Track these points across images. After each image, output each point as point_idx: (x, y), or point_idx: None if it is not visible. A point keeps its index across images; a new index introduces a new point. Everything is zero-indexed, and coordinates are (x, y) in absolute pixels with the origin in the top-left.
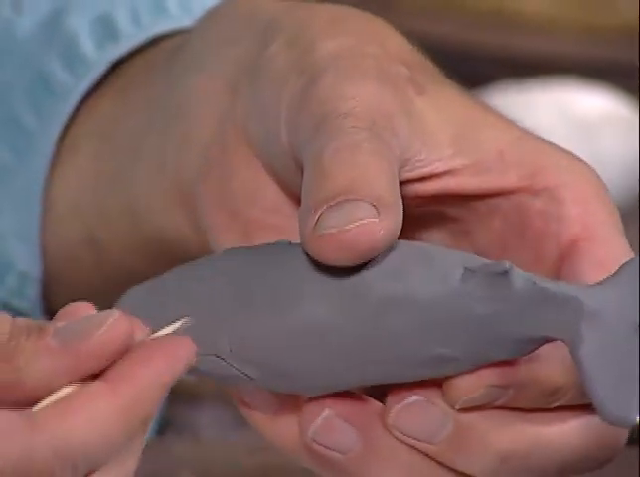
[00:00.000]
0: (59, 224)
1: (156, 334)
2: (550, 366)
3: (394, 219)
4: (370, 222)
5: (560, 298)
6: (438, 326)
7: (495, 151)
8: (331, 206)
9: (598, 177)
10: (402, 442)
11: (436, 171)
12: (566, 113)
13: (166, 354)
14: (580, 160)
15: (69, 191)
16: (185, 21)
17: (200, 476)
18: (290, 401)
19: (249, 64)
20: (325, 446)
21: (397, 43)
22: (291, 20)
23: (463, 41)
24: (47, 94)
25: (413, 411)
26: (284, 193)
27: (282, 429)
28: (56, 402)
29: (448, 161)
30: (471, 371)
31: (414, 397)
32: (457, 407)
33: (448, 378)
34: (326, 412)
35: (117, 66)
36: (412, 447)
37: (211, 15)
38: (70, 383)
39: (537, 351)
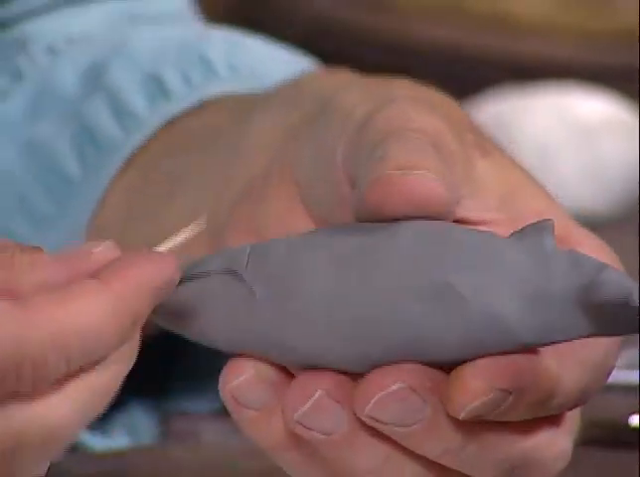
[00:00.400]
0: None
1: (173, 238)
2: (548, 370)
3: (450, 197)
4: (433, 178)
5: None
6: (463, 253)
7: (534, 214)
8: (390, 134)
9: (616, 259)
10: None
11: (474, 218)
12: (566, 117)
13: (156, 261)
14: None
15: (96, 220)
16: (234, 83)
17: None
18: (279, 396)
19: (306, 117)
20: (309, 427)
21: (463, 113)
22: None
23: (463, 45)
24: (93, 146)
25: (393, 399)
26: (312, 222)
27: (267, 425)
28: (49, 293)
29: (489, 212)
30: (477, 365)
31: (398, 385)
32: (462, 417)
33: (454, 378)
34: (318, 393)
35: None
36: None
37: (280, 86)
38: None
39: (533, 356)
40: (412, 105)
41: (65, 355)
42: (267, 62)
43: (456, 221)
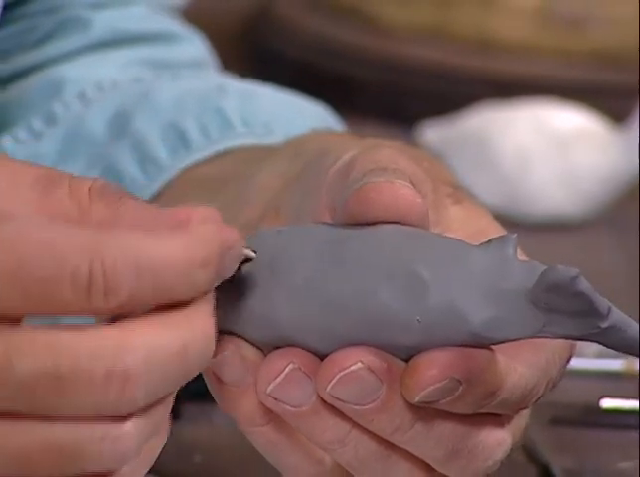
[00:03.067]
0: None
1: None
2: (497, 366)
3: (426, 210)
4: (413, 188)
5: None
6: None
7: None
8: (373, 170)
9: None
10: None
11: None
12: (543, 129)
13: (230, 229)
14: None
15: None
16: (247, 138)
17: (210, 459)
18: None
19: (305, 166)
20: (280, 400)
21: (443, 168)
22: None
23: (448, 64)
24: None
25: (352, 378)
26: None
27: (243, 401)
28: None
29: None
30: (433, 355)
31: (358, 365)
32: (416, 401)
33: (411, 366)
34: (290, 367)
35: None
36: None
37: (286, 143)
38: None
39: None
40: (397, 152)
41: (134, 272)
42: (279, 114)
43: None
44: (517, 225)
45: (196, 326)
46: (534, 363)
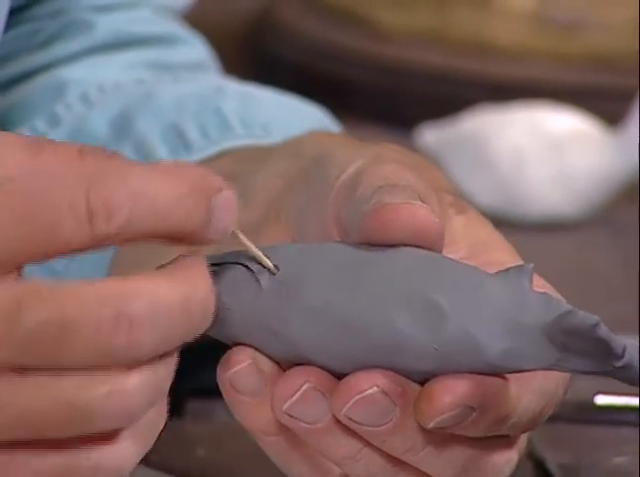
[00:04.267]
0: None
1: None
2: (509, 394)
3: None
4: (431, 209)
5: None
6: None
7: (500, 265)
8: (382, 187)
9: None
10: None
11: None
12: (538, 132)
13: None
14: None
15: (121, 257)
16: (246, 139)
17: (213, 454)
18: (273, 380)
19: (305, 169)
20: (296, 417)
21: (441, 176)
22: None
23: (445, 67)
24: None
25: (367, 402)
26: None
27: (256, 411)
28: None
29: (462, 261)
30: (447, 382)
31: (374, 389)
32: (430, 426)
33: (426, 392)
34: (306, 386)
35: None
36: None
37: (284, 143)
38: None
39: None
40: (401, 166)
41: (130, 196)
42: (278, 114)
43: None
44: (513, 225)
45: (196, 281)
46: (544, 388)
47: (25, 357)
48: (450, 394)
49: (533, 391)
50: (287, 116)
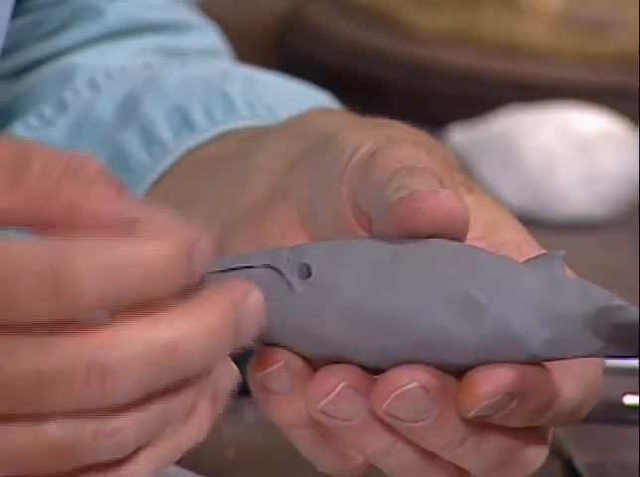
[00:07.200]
0: None
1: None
2: (550, 382)
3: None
4: (456, 197)
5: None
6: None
7: (512, 243)
8: (400, 170)
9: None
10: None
11: None
12: (567, 132)
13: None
14: None
15: None
16: (251, 120)
17: (243, 454)
18: (304, 377)
19: (309, 149)
20: (331, 415)
21: (450, 154)
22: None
23: (474, 68)
24: (125, 170)
25: (407, 397)
26: (312, 240)
27: (287, 407)
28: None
29: (473, 241)
30: (488, 372)
31: (414, 384)
32: (471, 415)
33: (466, 381)
34: (342, 385)
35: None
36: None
37: (287, 120)
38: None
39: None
40: (416, 147)
41: (100, 271)
42: (282, 97)
43: None
44: (541, 225)
45: (189, 321)
46: (584, 378)
47: (3, 407)
48: (491, 382)
49: (574, 379)
50: (292, 98)
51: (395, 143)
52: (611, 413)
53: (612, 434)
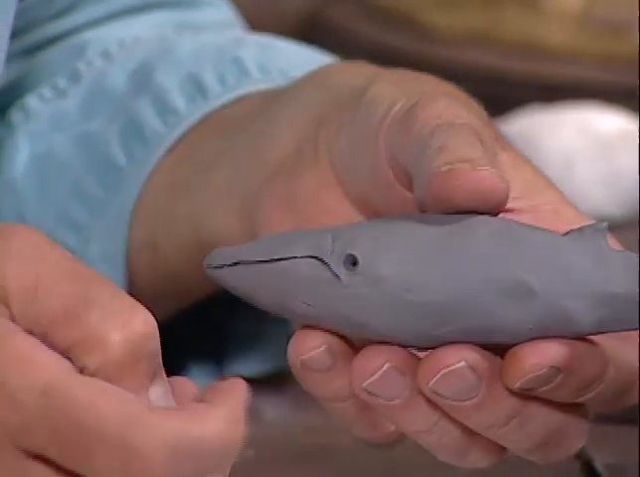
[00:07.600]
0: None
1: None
2: (599, 356)
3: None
4: (497, 174)
5: None
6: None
7: (550, 204)
8: (440, 126)
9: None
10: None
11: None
12: (587, 132)
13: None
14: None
15: (140, 201)
16: (264, 83)
17: (263, 454)
18: (344, 355)
19: (339, 102)
20: (375, 394)
21: (481, 109)
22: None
23: (495, 68)
24: (139, 139)
25: (454, 376)
26: (348, 200)
27: (329, 383)
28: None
29: (512, 201)
30: (535, 346)
31: (462, 363)
32: (517, 387)
33: (513, 354)
34: (387, 365)
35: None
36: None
37: (309, 74)
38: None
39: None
40: (454, 102)
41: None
42: (297, 61)
43: None
44: None
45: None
46: (632, 356)
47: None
48: (538, 355)
49: (621, 356)
50: (308, 62)
51: (432, 98)
52: (631, 414)
53: (632, 435)
